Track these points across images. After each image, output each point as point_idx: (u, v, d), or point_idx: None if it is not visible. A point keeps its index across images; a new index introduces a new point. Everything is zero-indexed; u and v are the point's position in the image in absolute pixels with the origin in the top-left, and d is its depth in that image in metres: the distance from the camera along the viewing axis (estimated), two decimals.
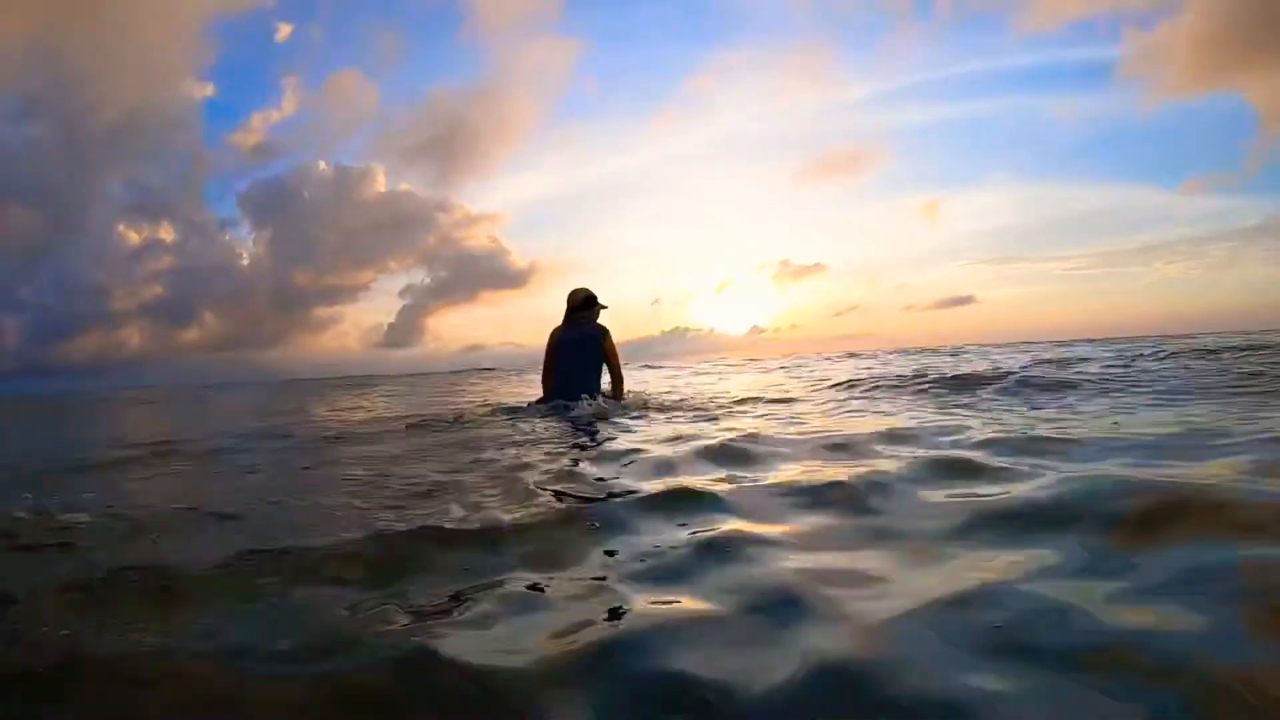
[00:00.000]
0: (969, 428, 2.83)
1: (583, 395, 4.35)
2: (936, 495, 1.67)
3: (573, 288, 4.71)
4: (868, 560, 1.24)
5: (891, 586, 1.11)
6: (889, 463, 2.08)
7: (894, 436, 2.69)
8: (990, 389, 4.93)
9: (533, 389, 5.83)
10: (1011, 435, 2.50)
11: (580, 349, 4.51)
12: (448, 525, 1.52)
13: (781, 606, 1.03)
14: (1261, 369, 5.10)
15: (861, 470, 1.95)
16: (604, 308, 4.67)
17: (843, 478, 1.84)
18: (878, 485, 1.77)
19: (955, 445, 2.39)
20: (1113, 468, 1.82)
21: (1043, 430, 2.62)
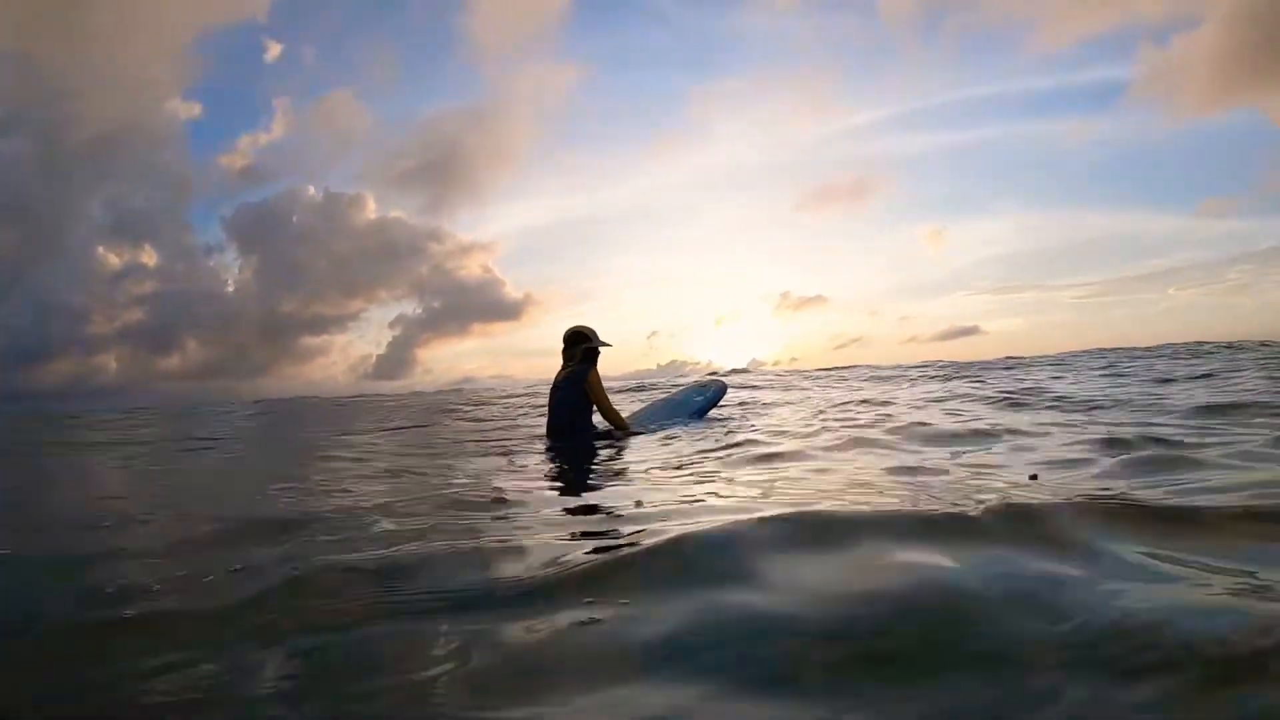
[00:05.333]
0: None
1: (568, 435, 4.34)
2: None
3: (570, 322, 4.65)
4: None
5: None
6: None
7: None
8: None
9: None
10: None
11: (564, 389, 4.45)
12: None
13: None
14: None
15: None
16: (606, 345, 4.55)
17: None
18: None
19: None
20: None
21: None
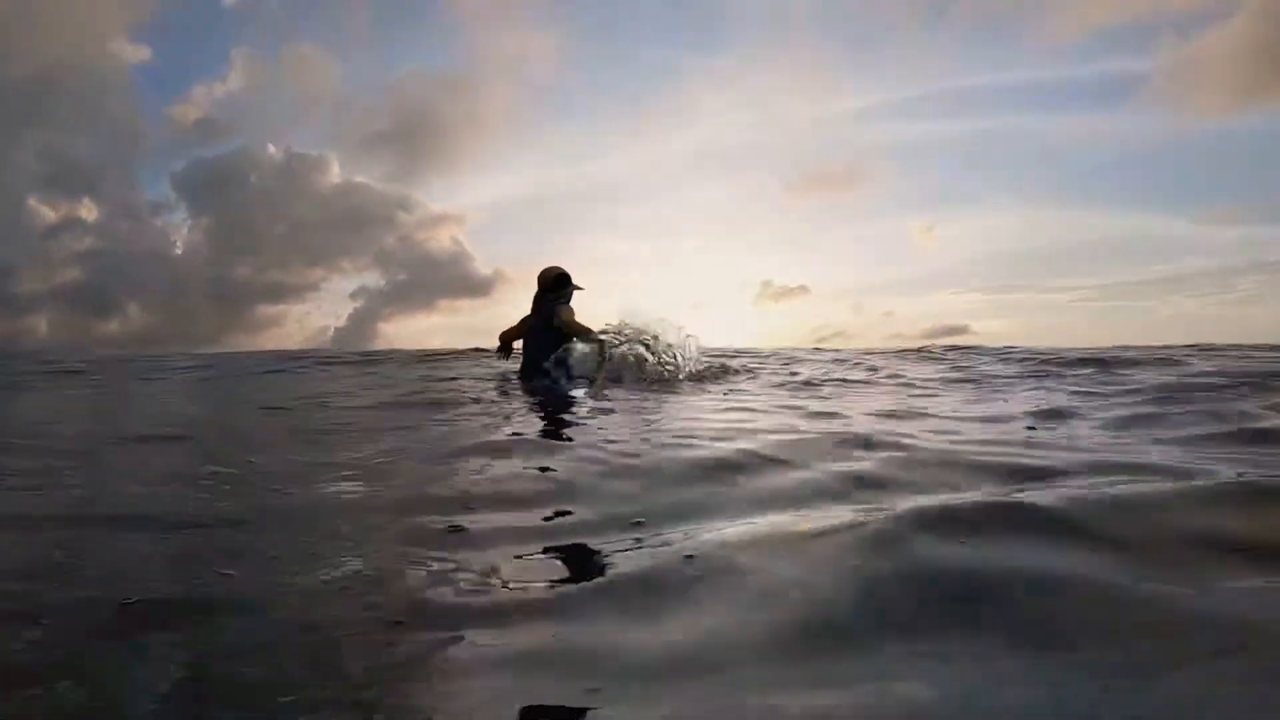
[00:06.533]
0: None
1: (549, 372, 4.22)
2: None
3: (544, 268, 4.43)
4: None
5: None
6: None
7: None
8: None
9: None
10: None
11: (543, 332, 4.31)
12: None
13: None
14: None
15: None
16: (579, 289, 4.42)
17: None
18: None
19: None
20: None
21: None
